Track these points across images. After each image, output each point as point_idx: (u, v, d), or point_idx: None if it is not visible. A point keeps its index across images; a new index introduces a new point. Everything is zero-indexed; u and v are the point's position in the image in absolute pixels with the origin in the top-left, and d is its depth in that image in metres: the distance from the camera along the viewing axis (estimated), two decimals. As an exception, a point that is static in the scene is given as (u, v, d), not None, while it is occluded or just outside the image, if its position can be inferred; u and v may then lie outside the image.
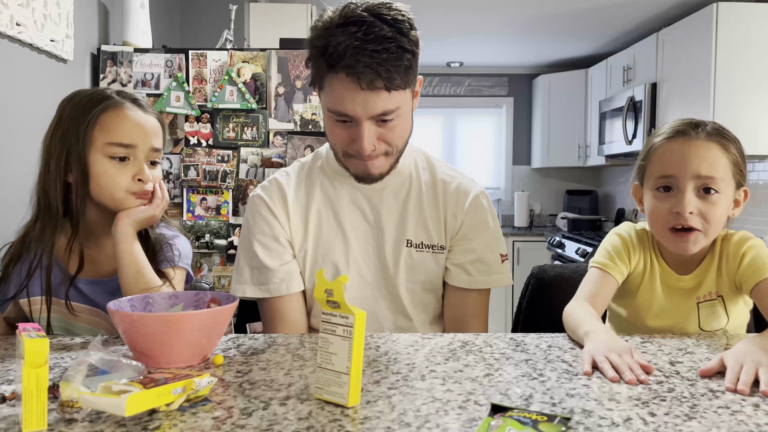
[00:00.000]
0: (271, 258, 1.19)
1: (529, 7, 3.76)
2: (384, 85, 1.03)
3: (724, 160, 1.06)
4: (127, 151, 1.12)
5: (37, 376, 0.63)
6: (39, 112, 1.18)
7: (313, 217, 1.22)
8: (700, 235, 1.06)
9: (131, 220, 1.13)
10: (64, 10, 2.02)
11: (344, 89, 1.04)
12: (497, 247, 1.25)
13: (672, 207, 1.06)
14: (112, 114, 1.12)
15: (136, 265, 1.10)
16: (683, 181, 1.05)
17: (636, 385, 0.79)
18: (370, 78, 1.02)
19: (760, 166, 3.29)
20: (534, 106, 5.39)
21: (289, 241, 1.21)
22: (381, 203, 1.22)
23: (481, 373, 0.85)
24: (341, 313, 0.74)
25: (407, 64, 1.05)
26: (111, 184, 1.12)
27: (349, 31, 1.01)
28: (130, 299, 0.97)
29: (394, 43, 1.02)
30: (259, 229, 1.20)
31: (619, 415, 0.70)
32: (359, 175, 1.17)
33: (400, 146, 1.16)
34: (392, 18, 1.03)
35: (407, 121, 1.15)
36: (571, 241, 4.26)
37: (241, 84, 2.35)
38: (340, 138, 1.12)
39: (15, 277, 1.15)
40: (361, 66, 1.00)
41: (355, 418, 0.69)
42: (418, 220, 1.22)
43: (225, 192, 2.37)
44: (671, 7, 3.72)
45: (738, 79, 3.16)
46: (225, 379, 0.82)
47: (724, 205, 1.07)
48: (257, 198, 1.23)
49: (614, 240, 1.17)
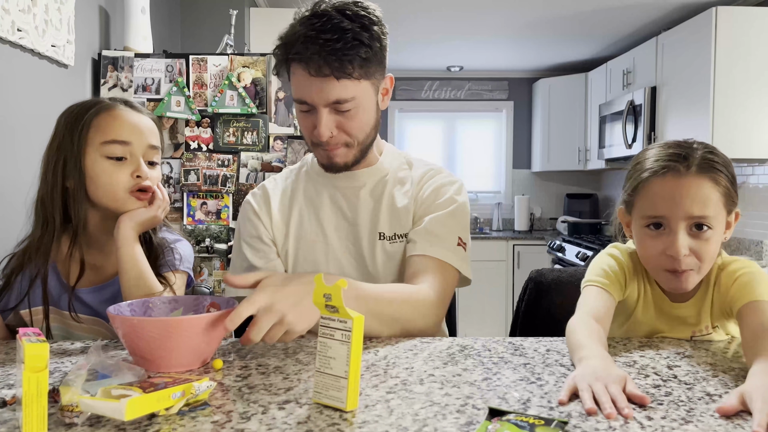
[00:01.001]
0: (258, 258, 1.25)
1: (529, 12, 3.77)
2: (331, 72, 1.07)
3: (716, 194, 1.00)
4: (123, 149, 1.14)
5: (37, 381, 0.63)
6: (40, 118, 1.19)
7: (295, 218, 1.27)
8: (693, 273, 1.02)
9: (133, 223, 1.14)
10: (65, 15, 2.03)
11: (299, 77, 1.10)
12: (454, 229, 1.21)
13: (665, 249, 1.01)
14: (105, 115, 1.14)
15: (137, 269, 1.11)
16: (675, 222, 1.00)
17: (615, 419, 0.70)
18: (317, 65, 1.06)
19: (760, 170, 3.29)
20: (534, 110, 5.40)
21: (272, 241, 1.27)
22: (358, 201, 1.26)
23: (479, 377, 0.85)
24: (340, 318, 0.75)
25: (363, 56, 1.08)
26: (110, 182, 1.13)
27: (309, 23, 1.07)
28: (129, 304, 0.98)
29: (349, 35, 1.06)
30: (246, 231, 1.28)
31: (616, 419, 0.70)
32: (324, 164, 1.21)
33: (361, 138, 1.18)
34: (354, 13, 1.09)
35: (368, 113, 1.17)
36: (571, 244, 4.26)
37: (241, 89, 2.35)
38: (305, 126, 1.17)
39: (17, 287, 1.15)
40: (309, 53, 1.05)
41: (354, 422, 0.70)
42: (391, 213, 1.25)
43: (225, 196, 2.38)
44: (671, 12, 3.74)
45: (737, 82, 3.16)
46: (224, 384, 0.83)
47: (716, 239, 1.02)
48: (246, 203, 1.32)
49: (609, 261, 1.11)
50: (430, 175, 1.28)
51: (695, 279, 1.03)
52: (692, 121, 3.35)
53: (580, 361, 0.86)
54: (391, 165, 1.30)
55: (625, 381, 0.78)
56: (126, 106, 1.17)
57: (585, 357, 0.86)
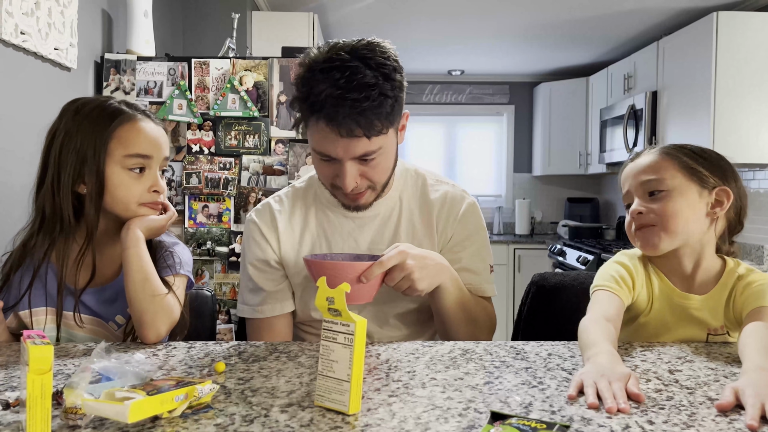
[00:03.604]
0: (266, 280, 1.24)
1: (531, 16, 3.78)
2: (363, 133, 1.05)
3: (668, 163, 1.13)
4: (144, 162, 1.15)
5: (41, 383, 0.64)
6: (42, 121, 1.19)
7: (306, 245, 1.26)
8: (656, 229, 1.11)
9: (143, 226, 1.14)
10: (68, 18, 2.03)
11: (325, 135, 1.06)
12: (486, 257, 1.30)
13: (631, 215, 1.15)
14: (128, 127, 1.14)
15: (144, 271, 1.11)
16: (633, 192, 1.16)
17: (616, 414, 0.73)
18: (349, 127, 1.04)
19: (761, 174, 3.30)
20: (535, 114, 5.41)
21: (280, 264, 1.25)
22: (374, 231, 1.25)
23: (481, 380, 0.85)
24: (342, 321, 0.75)
25: (388, 110, 1.06)
26: (127, 195, 1.14)
27: (332, 78, 1.02)
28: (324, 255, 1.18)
29: (376, 90, 1.03)
30: (252, 253, 1.26)
31: (618, 423, 0.70)
32: (347, 205, 1.22)
33: (384, 180, 1.19)
34: (376, 63, 1.04)
35: (390, 157, 1.16)
36: (572, 248, 4.26)
37: (243, 92, 2.36)
38: (325, 174, 1.16)
39: (15, 286, 1.15)
40: (341, 117, 1.02)
41: (356, 425, 0.70)
42: (412, 239, 1.24)
43: (227, 199, 2.38)
44: (672, 16, 3.74)
45: (738, 87, 3.17)
46: (227, 386, 0.83)
47: (677, 201, 1.11)
48: (251, 223, 1.28)
49: (618, 268, 1.15)
50: (446, 195, 1.28)
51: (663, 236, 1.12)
52: (693, 126, 3.35)
53: (589, 359, 0.89)
54: (405, 188, 1.29)
55: (628, 378, 0.81)
56: (144, 116, 1.17)
57: (594, 354, 0.89)
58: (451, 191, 1.30)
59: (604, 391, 0.77)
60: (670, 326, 1.14)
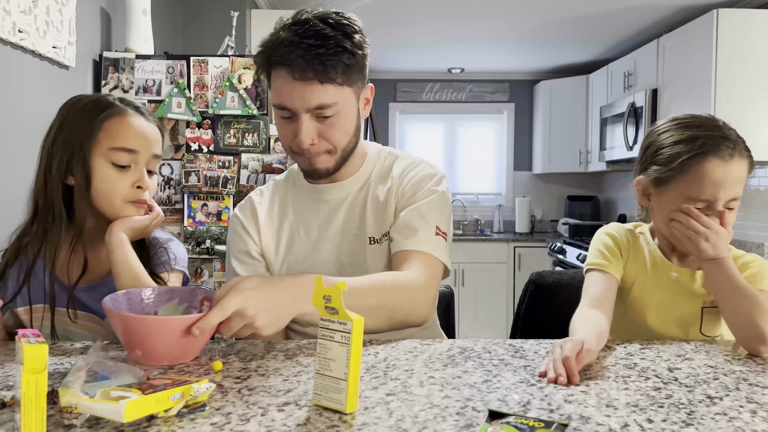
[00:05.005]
0: (246, 272, 1.24)
1: (531, 14, 3.77)
2: (315, 76, 1.07)
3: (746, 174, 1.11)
4: (129, 157, 1.14)
5: (36, 382, 0.63)
6: (40, 119, 1.19)
7: (285, 232, 1.27)
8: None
9: (125, 228, 1.14)
10: (66, 16, 2.03)
11: (281, 81, 1.09)
12: (431, 219, 1.18)
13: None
14: (116, 120, 1.14)
15: (132, 271, 1.11)
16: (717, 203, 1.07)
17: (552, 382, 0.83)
18: (301, 68, 1.06)
19: (761, 172, 3.29)
20: (535, 112, 5.40)
21: (261, 255, 1.26)
22: (344, 211, 1.25)
23: (479, 379, 0.85)
24: (339, 319, 0.75)
25: (346, 62, 1.09)
26: (110, 190, 1.13)
27: (292, 30, 1.08)
28: (126, 293, 1.00)
29: (332, 41, 1.07)
30: (234, 245, 1.28)
31: (617, 421, 0.70)
32: (306, 171, 1.21)
33: (343, 144, 1.17)
34: (336, 22, 1.10)
35: (349, 120, 1.15)
36: (572, 246, 4.26)
37: (242, 90, 2.35)
38: (285, 134, 1.16)
39: (12, 282, 1.15)
40: (294, 56, 1.06)
41: (353, 424, 0.69)
42: (376, 215, 1.23)
43: (226, 198, 2.38)
44: (672, 14, 3.73)
45: (738, 85, 3.16)
46: (223, 385, 0.82)
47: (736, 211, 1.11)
48: (234, 217, 1.31)
49: (604, 239, 1.21)
50: (410, 168, 1.26)
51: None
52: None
53: None
54: (374, 167, 1.29)
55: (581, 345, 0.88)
56: (136, 112, 1.17)
57: None
58: (415, 165, 1.27)
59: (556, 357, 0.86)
60: (666, 302, 1.16)
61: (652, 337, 1.17)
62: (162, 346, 0.88)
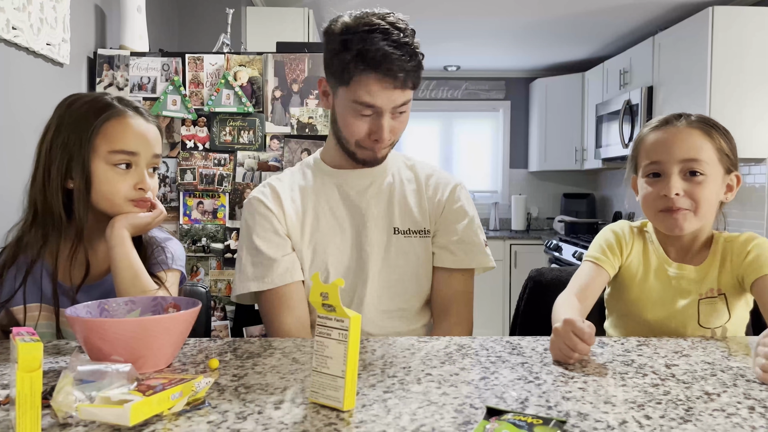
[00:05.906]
0: (274, 249, 1.24)
1: (526, 12, 3.77)
2: (411, 85, 1.19)
3: (708, 144, 1.12)
4: (129, 158, 1.13)
5: (30, 381, 0.63)
6: (35, 117, 1.18)
7: (310, 215, 1.29)
8: (689, 213, 1.12)
9: (127, 224, 1.13)
10: (60, 13, 2.02)
11: (379, 86, 1.16)
12: (479, 232, 1.35)
13: (660, 191, 1.13)
14: (114, 123, 1.13)
15: (132, 268, 1.10)
16: (669, 166, 1.12)
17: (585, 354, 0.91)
18: (403, 80, 1.16)
19: (756, 169, 3.30)
20: (531, 110, 5.40)
21: (287, 235, 1.27)
22: (369, 198, 1.30)
23: (477, 376, 0.85)
24: (336, 317, 0.74)
25: (418, 68, 1.20)
26: (112, 191, 1.12)
27: (381, 38, 1.15)
28: (86, 305, 0.96)
29: (410, 48, 1.17)
30: (259, 225, 1.27)
31: (615, 418, 0.70)
32: (366, 160, 1.27)
33: (400, 137, 1.29)
34: (403, 27, 1.18)
35: (408, 115, 1.27)
36: (568, 244, 4.26)
37: (237, 87, 2.35)
38: (359, 129, 1.21)
39: (9, 282, 1.14)
40: (396, 69, 1.15)
41: (351, 422, 0.69)
42: (404, 209, 1.31)
43: (222, 196, 2.37)
44: (667, 11, 3.74)
45: (734, 82, 3.17)
46: (221, 383, 0.82)
47: (711, 187, 1.12)
48: (254, 200, 1.30)
49: (608, 235, 1.24)
50: (436, 178, 1.36)
51: (692, 220, 1.13)
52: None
53: None
54: (394, 164, 1.36)
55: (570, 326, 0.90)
56: (135, 113, 1.16)
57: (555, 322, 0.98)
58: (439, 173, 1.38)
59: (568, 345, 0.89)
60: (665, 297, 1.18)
61: (652, 332, 1.17)
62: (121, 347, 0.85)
